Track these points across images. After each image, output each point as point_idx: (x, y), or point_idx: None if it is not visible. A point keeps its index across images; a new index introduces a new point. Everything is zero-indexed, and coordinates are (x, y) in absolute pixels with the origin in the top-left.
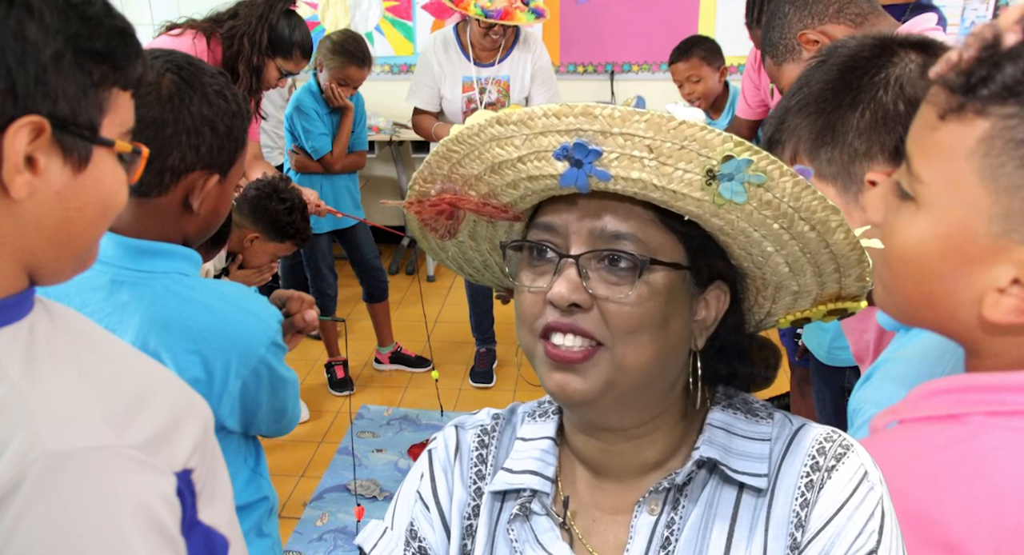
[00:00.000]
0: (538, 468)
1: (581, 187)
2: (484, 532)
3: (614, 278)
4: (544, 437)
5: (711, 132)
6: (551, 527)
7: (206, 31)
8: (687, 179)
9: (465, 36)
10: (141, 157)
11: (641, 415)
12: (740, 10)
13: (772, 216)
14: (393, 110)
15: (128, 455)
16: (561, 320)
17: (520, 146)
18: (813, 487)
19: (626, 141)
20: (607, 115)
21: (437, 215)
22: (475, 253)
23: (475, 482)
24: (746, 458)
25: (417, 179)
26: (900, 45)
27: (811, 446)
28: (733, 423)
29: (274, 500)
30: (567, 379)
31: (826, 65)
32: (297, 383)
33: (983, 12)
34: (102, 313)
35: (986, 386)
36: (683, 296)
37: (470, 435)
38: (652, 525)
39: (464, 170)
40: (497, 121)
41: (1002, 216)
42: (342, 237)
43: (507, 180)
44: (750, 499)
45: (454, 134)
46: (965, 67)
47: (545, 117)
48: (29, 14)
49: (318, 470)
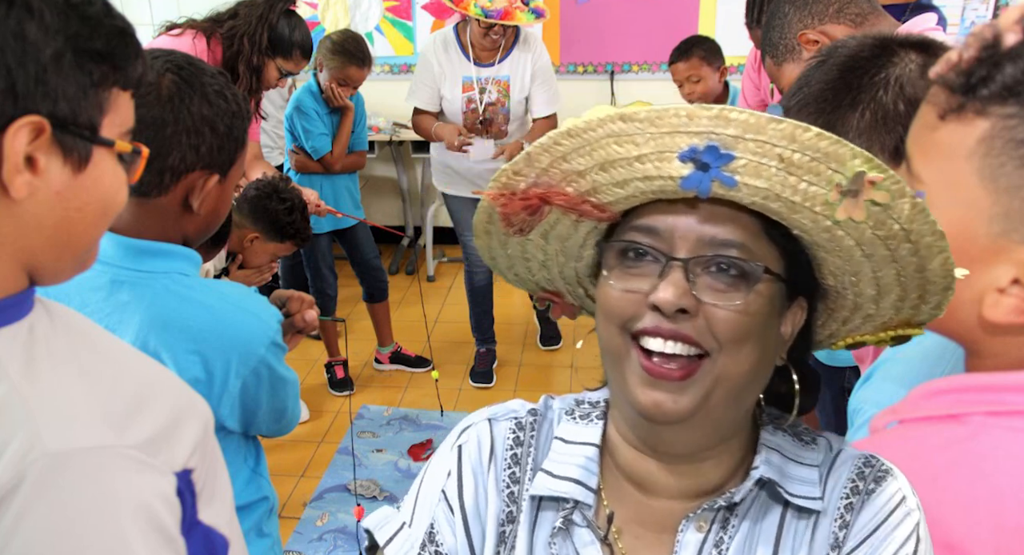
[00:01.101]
0: (581, 477)
1: (703, 192)
2: (524, 542)
3: (722, 285)
4: (588, 443)
5: (844, 146)
6: (592, 541)
7: (206, 31)
8: (811, 192)
9: (465, 36)
10: (141, 157)
11: (719, 436)
12: (740, 10)
13: (882, 236)
14: (393, 110)
15: (128, 455)
16: (663, 325)
17: (642, 145)
18: (852, 509)
19: (758, 148)
20: (743, 120)
21: (523, 210)
22: (539, 251)
23: (508, 486)
24: (800, 482)
25: (507, 170)
26: (900, 45)
27: (852, 470)
28: (784, 446)
29: (274, 500)
30: (664, 398)
31: (826, 65)
32: (297, 383)
33: (983, 12)
34: (102, 313)
35: (986, 386)
36: (778, 310)
37: (503, 430)
38: (700, 543)
39: (568, 165)
40: (620, 117)
41: (1002, 216)
42: (342, 237)
43: (616, 179)
44: (793, 520)
45: (566, 127)
46: (965, 67)
47: (676, 117)
48: (29, 14)
49: (318, 470)
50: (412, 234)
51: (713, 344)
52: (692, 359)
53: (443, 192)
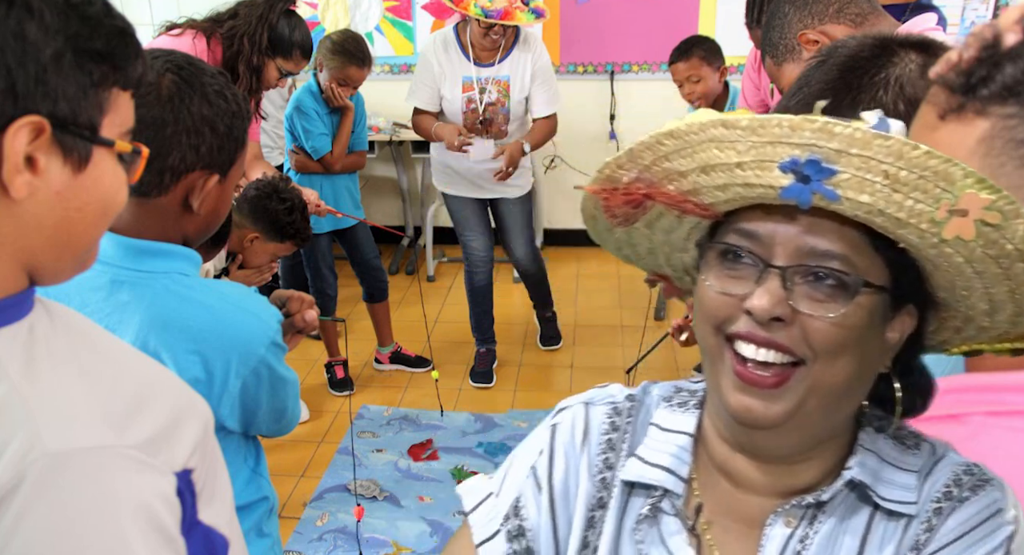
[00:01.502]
0: (673, 466)
1: (803, 203)
2: (612, 527)
3: (820, 295)
4: (682, 432)
5: (954, 165)
6: (679, 530)
7: (206, 31)
8: (917, 209)
9: (465, 36)
10: (141, 157)
11: (815, 441)
12: (740, 10)
13: (995, 255)
14: (393, 110)
15: (128, 455)
16: (757, 333)
17: (743, 152)
18: (940, 513)
19: (863, 163)
20: (847, 134)
21: (625, 204)
22: (644, 240)
23: (601, 471)
24: (895, 487)
25: (610, 164)
26: (900, 45)
27: (949, 476)
28: (883, 449)
29: (274, 500)
30: (754, 404)
31: (826, 65)
32: (297, 383)
33: (983, 12)
34: (102, 313)
35: (986, 386)
36: (881, 318)
37: (600, 415)
38: (786, 538)
39: (669, 164)
40: (723, 123)
41: None
42: (342, 237)
43: (717, 182)
44: (883, 521)
45: (668, 128)
46: (965, 67)
47: (778, 127)
48: (29, 14)
49: (318, 470)
50: (412, 234)
51: (808, 353)
52: (785, 367)
53: (443, 192)
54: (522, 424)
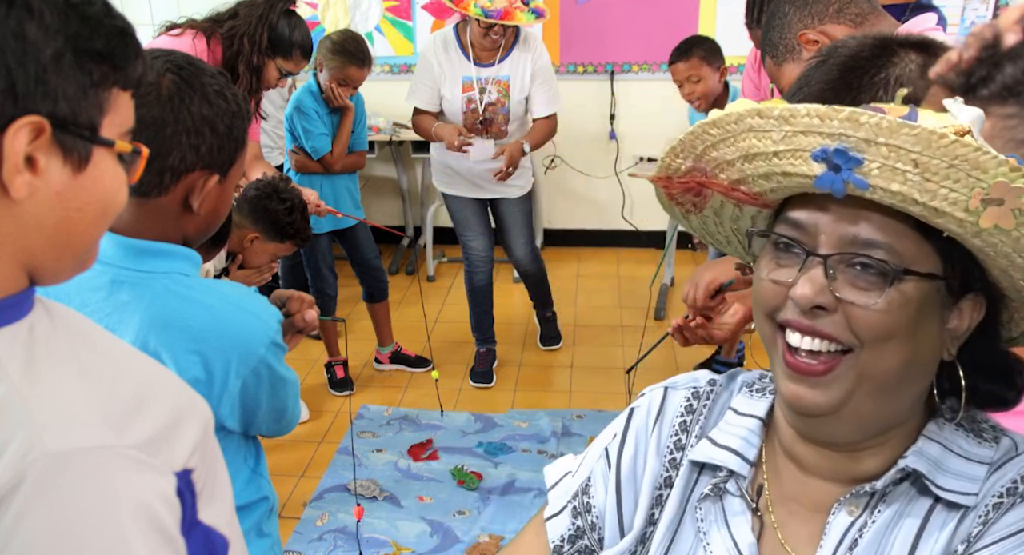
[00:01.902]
0: (740, 448)
1: (836, 192)
2: (675, 503)
3: (862, 283)
4: (754, 416)
5: (985, 154)
6: (743, 511)
7: (206, 31)
8: (952, 197)
9: (465, 36)
10: (141, 157)
11: (874, 429)
12: (740, 10)
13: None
14: (393, 110)
15: (128, 455)
16: (801, 321)
17: (777, 141)
18: (999, 508)
19: (891, 152)
20: (874, 123)
21: (684, 192)
22: (718, 228)
23: (672, 452)
24: (957, 477)
25: (668, 153)
26: (900, 45)
27: (1019, 471)
28: (952, 439)
29: (274, 500)
30: (804, 392)
31: (826, 65)
32: (297, 383)
33: (983, 12)
34: (102, 313)
35: None
36: (936, 305)
37: (678, 398)
38: (847, 526)
39: (717, 154)
40: (758, 113)
41: None
42: (342, 237)
43: (760, 171)
44: (943, 512)
45: (712, 118)
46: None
47: (808, 117)
48: (29, 14)
49: (318, 470)
50: (412, 234)
51: (854, 341)
52: (834, 354)
53: (443, 192)
54: (522, 424)
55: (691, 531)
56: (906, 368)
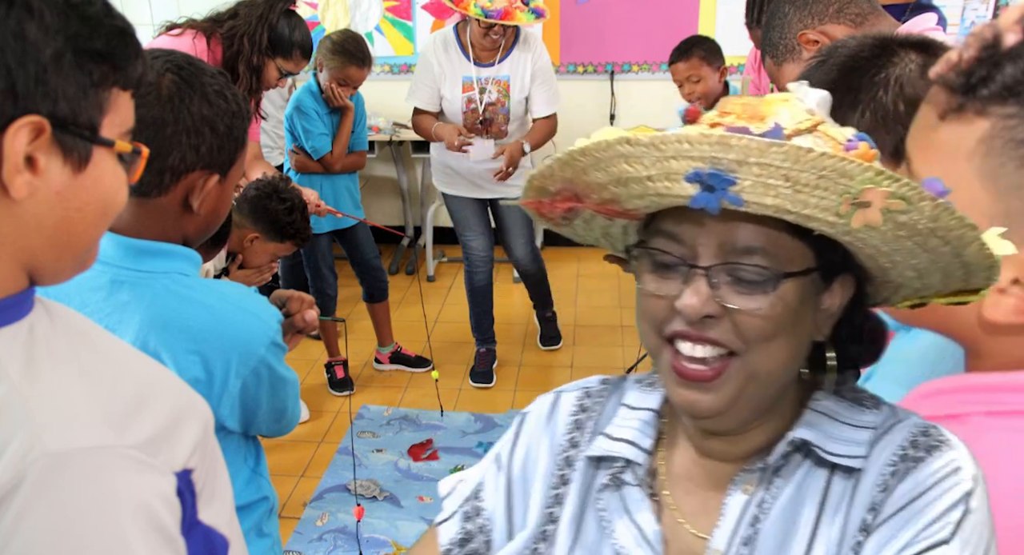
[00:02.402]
0: (635, 438)
1: (712, 210)
2: (575, 499)
3: (745, 289)
4: (647, 408)
5: (851, 162)
6: (642, 497)
7: (206, 31)
8: (823, 205)
9: (465, 36)
10: (141, 157)
11: (762, 412)
12: (740, 10)
13: (907, 235)
14: (393, 110)
15: (128, 455)
16: (690, 331)
17: (649, 166)
18: (896, 474)
19: (762, 170)
20: (743, 146)
21: (557, 211)
22: (588, 233)
23: (565, 450)
24: (843, 442)
25: (536, 176)
26: (900, 45)
27: (906, 437)
28: (835, 409)
29: (274, 500)
30: (697, 397)
31: (826, 65)
32: (297, 383)
33: (983, 12)
34: (102, 313)
35: (986, 386)
36: (811, 294)
37: (569, 400)
38: (744, 504)
39: (588, 178)
40: (627, 141)
41: (1002, 216)
42: (342, 237)
43: (633, 193)
44: (840, 481)
45: (579, 146)
46: (965, 67)
47: (678, 143)
48: (29, 14)
49: (318, 470)
50: (412, 234)
51: (740, 344)
52: (723, 357)
53: (443, 192)
54: None
55: (594, 523)
56: (789, 359)
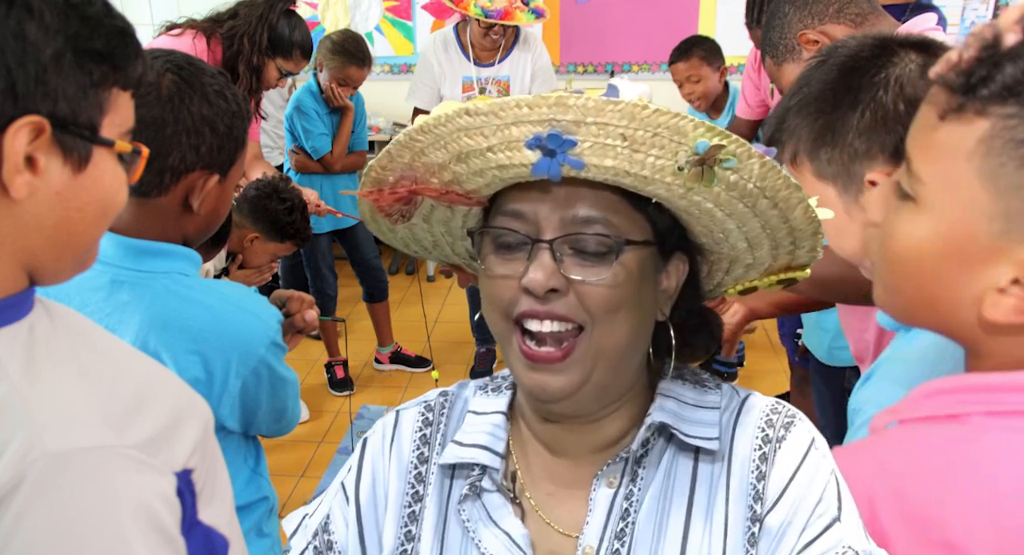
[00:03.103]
0: (488, 443)
1: (553, 176)
2: (434, 512)
3: (588, 262)
4: (496, 412)
5: (683, 119)
6: (503, 503)
7: (206, 31)
8: (659, 165)
9: (465, 36)
10: (141, 157)
11: (611, 398)
12: (740, 10)
13: (738, 196)
14: (393, 110)
15: (128, 455)
16: (537, 308)
17: (489, 136)
18: (766, 459)
19: (600, 130)
20: (580, 105)
21: (394, 202)
22: (426, 234)
23: (416, 467)
24: (697, 424)
25: (374, 166)
26: (900, 45)
27: (759, 417)
28: (683, 393)
29: (274, 500)
30: (546, 379)
31: (826, 65)
32: (297, 383)
33: (983, 12)
34: (102, 313)
35: (986, 386)
36: (651, 271)
37: (411, 416)
38: (611, 497)
39: (427, 159)
40: (466, 112)
41: (1002, 216)
42: (342, 237)
43: (474, 169)
44: (706, 467)
45: (419, 124)
46: (965, 67)
47: (517, 107)
48: (29, 14)
49: (318, 470)
50: None
51: (586, 318)
52: (569, 331)
53: None
54: None
55: (458, 533)
56: (635, 335)
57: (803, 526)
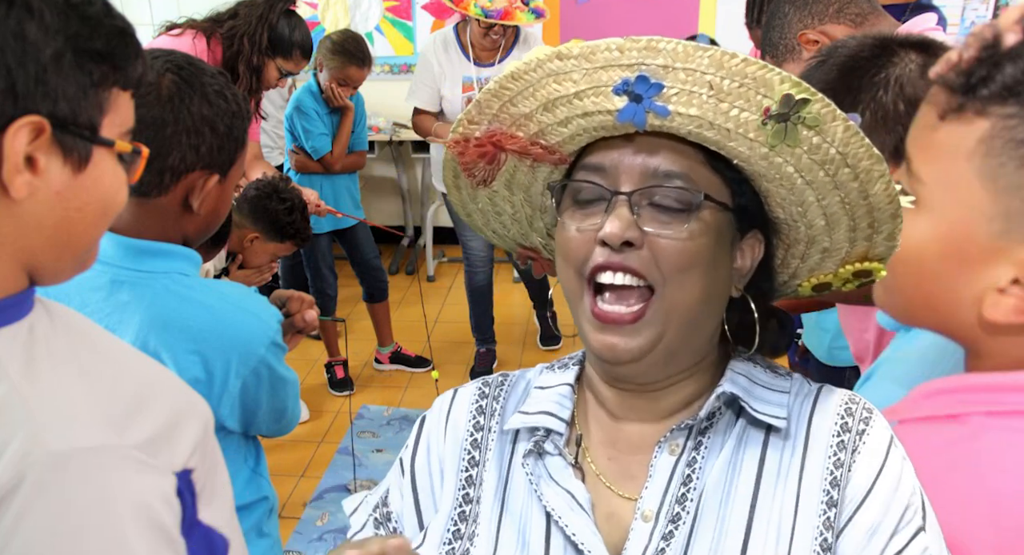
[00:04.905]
0: (554, 410)
1: (638, 123)
2: (495, 474)
3: (666, 216)
4: (563, 384)
5: (771, 71)
6: (564, 466)
7: (206, 31)
8: (743, 118)
9: (465, 36)
10: (141, 157)
11: (680, 366)
12: (740, 10)
13: (819, 161)
14: (393, 110)
15: (128, 455)
16: (612, 259)
17: (579, 81)
18: (845, 448)
19: (688, 76)
20: (671, 49)
21: (479, 157)
22: (507, 204)
23: (472, 435)
24: (767, 404)
25: (463, 120)
26: (900, 45)
27: (839, 404)
28: (754, 373)
29: (274, 500)
30: (615, 341)
31: (826, 65)
32: (297, 383)
33: (983, 12)
34: (102, 313)
35: (986, 386)
36: (727, 239)
37: (468, 391)
38: (673, 465)
39: (515, 109)
40: (557, 56)
41: (1002, 216)
42: (342, 237)
43: (559, 117)
44: (777, 443)
45: (509, 71)
46: (965, 67)
47: (607, 51)
48: (29, 14)
49: (318, 470)
50: (412, 234)
51: (658, 276)
52: (642, 295)
53: (443, 192)
54: None
55: (520, 487)
56: (707, 299)
57: (892, 531)
